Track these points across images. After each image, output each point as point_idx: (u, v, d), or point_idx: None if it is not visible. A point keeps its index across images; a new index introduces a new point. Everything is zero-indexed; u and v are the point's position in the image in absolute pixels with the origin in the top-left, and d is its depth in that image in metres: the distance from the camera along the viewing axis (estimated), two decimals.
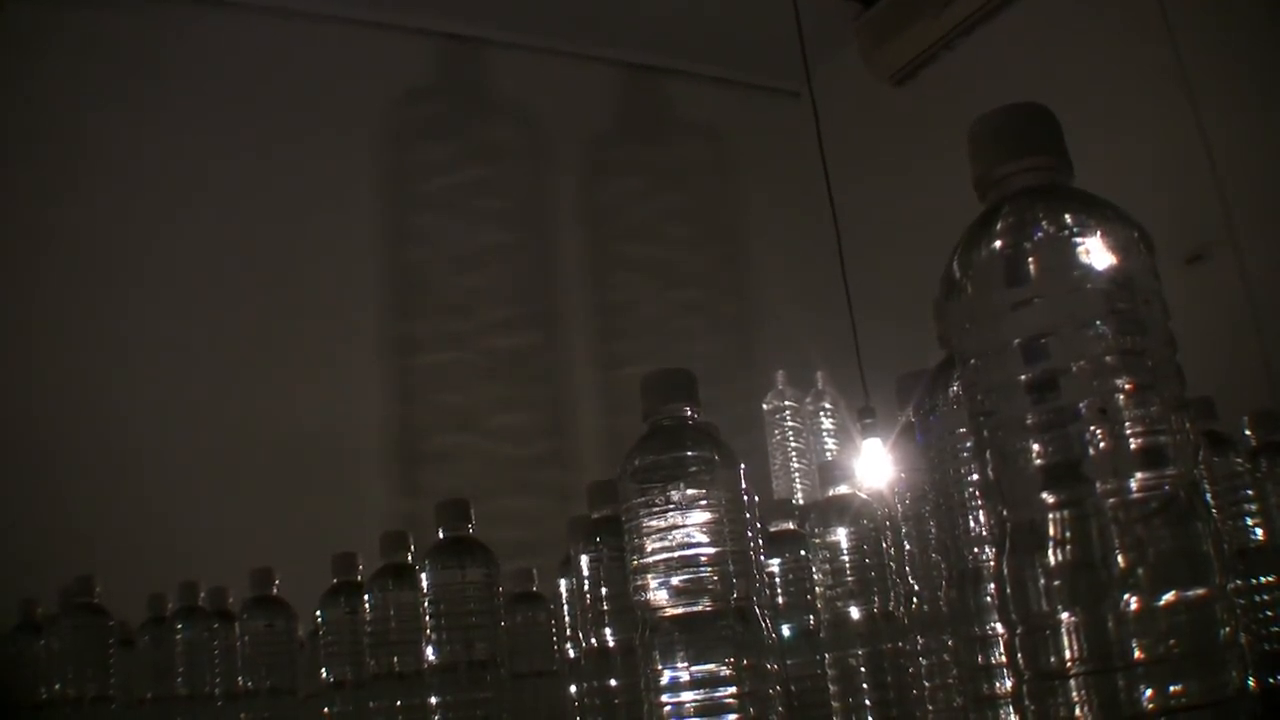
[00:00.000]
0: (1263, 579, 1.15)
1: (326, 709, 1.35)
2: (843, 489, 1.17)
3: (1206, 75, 2.11)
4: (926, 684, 0.88)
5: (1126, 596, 0.49)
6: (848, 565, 1.12)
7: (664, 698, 0.81)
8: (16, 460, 2.02)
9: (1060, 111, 0.57)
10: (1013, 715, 0.69)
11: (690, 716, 0.80)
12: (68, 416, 2.16)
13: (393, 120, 2.69)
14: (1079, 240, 0.53)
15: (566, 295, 2.76)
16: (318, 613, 1.41)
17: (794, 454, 2.01)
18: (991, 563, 0.58)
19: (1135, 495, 0.51)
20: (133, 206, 2.33)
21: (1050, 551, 0.51)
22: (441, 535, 1.21)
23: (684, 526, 0.82)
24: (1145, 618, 0.49)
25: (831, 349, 2.27)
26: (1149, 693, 0.48)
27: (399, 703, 1.22)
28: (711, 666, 0.80)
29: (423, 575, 1.19)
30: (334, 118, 2.58)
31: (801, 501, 1.88)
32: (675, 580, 0.82)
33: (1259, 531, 1.17)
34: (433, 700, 1.16)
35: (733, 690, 0.80)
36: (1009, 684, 0.68)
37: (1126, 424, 0.51)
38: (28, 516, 1.99)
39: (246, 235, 2.41)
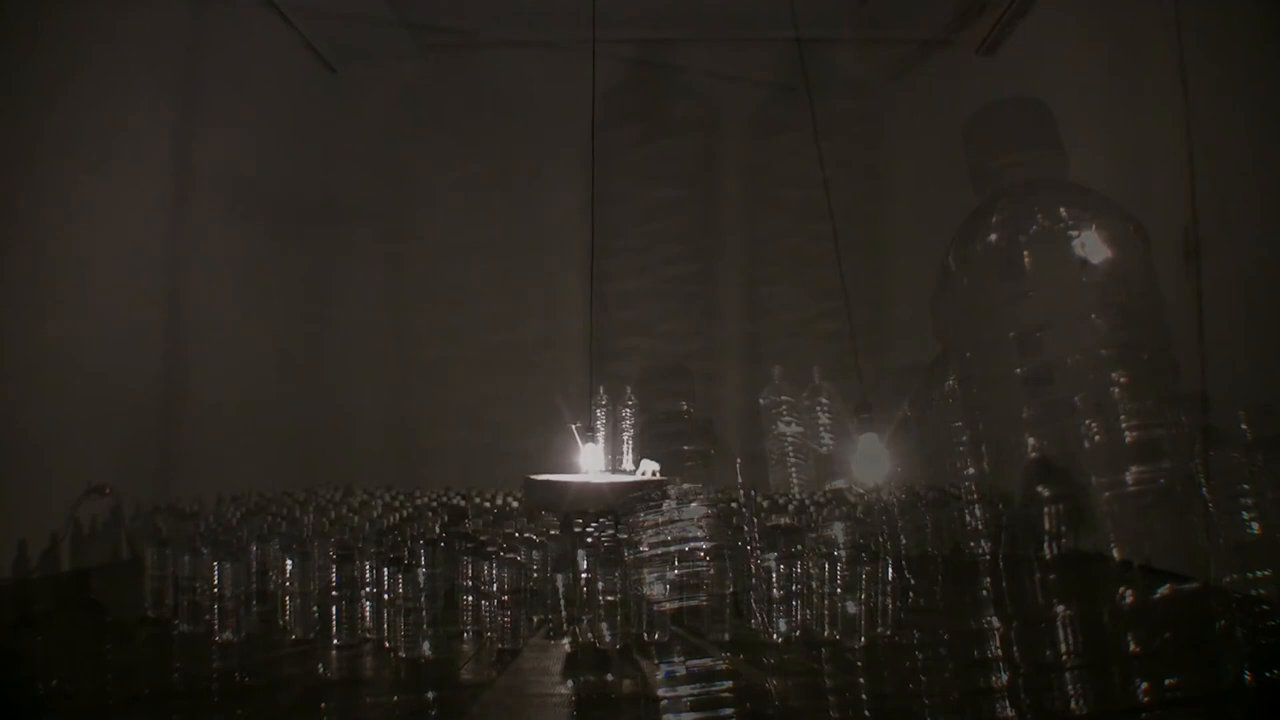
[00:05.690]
0: (1259, 573, 1.15)
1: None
2: (839, 483, 1.17)
3: (1205, 73, 2.10)
4: (923, 677, 0.88)
5: (1122, 590, 0.49)
6: (844, 559, 1.12)
7: (661, 692, 0.81)
8: (17, 455, 2.01)
9: (1059, 107, 0.57)
10: (1009, 708, 0.69)
11: (687, 710, 0.80)
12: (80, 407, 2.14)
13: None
14: (1074, 233, 0.53)
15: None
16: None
17: (791, 448, 2.01)
18: (987, 556, 0.58)
19: (1131, 489, 0.51)
20: None
21: (1046, 545, 0.51)
22: None
23: (680, 521, 0.82)
24: (1141, 611, 0.49)
25: (828, 343, 2.27)
26: (1144, 685, 0.48)
27: None
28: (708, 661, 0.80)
29: None
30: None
31: (798, 496, 1.88)
32: (672, 574, 0.82)
33: (1255, 525, 1.17)
34: None
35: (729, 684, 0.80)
36: (1005, 677, 0.68)
37: (1122, 417, 0.51)
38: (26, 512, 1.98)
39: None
